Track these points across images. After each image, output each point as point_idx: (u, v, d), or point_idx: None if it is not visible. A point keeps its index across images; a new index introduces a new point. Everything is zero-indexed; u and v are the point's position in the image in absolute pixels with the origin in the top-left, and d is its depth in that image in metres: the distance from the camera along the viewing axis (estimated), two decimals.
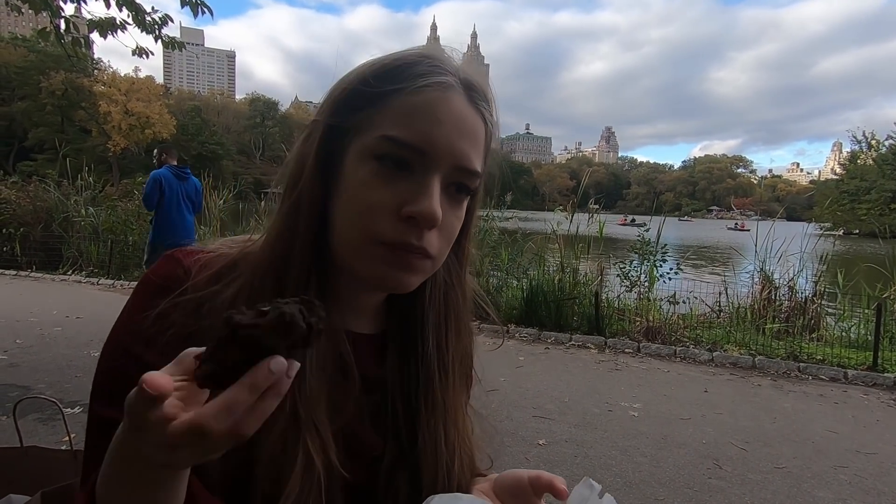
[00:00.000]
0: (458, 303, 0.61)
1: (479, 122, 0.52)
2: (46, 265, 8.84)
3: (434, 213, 0.48)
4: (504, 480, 0.57)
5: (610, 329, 5.73)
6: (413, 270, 0.51)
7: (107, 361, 0.52)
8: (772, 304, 5.90)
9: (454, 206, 0.53)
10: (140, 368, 0.48)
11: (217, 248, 0.56)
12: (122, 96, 50.86)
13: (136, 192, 9.17)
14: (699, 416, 3.74)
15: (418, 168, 0.49)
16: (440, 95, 0.50)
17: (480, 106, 0.52)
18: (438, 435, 0.59)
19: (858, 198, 50.25)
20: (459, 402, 0.63)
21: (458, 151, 0.50)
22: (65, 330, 5.20)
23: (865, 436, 3.50)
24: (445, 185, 0.51)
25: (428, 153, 0.49)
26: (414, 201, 0.48)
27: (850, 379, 4.61)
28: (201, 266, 0.53)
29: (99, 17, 4.01)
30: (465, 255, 0.61)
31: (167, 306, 0.50)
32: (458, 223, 0.54)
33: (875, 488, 2.82)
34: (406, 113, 0.49)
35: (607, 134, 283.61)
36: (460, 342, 0.62)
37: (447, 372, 0.60)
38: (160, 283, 0.52)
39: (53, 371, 4.05)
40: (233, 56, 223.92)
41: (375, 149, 0.49)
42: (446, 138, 0.49)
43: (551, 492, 0.54)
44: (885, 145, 53.17)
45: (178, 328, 0.50)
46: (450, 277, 0.60)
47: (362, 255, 0.50)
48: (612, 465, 2.98)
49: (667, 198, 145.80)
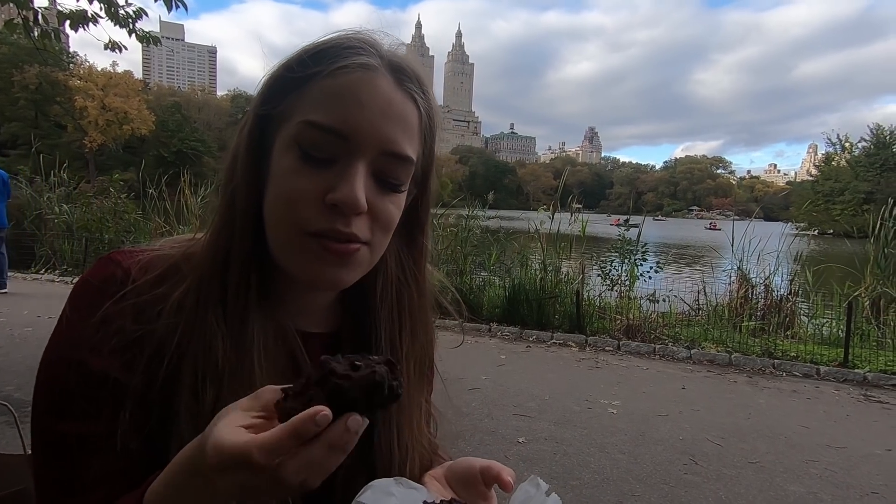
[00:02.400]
0: (413, 300, 0.59)
1: (409, 105, 0.50)
2: (18, 264, 8.58)
3: (355, 199, 0.46)
4: (457, 467, 0.56)
5: (591, 327, 5.78)
6: (346, 264, 0.49)
7: (52, 373, 0.49)
8: (748, 302, 6.03)
9: (387, 193, 0.50)
10: (88, 377, 0.47)
11: (159, 249, 0.54)
12: (99, 91, 49.64)
13: (111, 190, 8.98)
14: (677, 412, 3.80)
15: (342, 154, 0.47)
16: (362, 77, 0.47)
17: (410, 89, 0.50)
18: (392, 435, 0.58)
19: (833, 199, 51.52)
20: (415, 402, 0.61)
21: (383, 136, 0.48)
22: (36, 330, 5.06)
23: (836, 430, 3.59)
24: (374, 171, 0.49)
25: (350, 138, 0.47)
26: (336, 188, 0.46)
27: (822, 375, 4.72)
28: (142, 267, 0.51)
29: (69, 10, 3.90)
30: (420, 251, 0.59)
31: (109, 310, 0.48)
32: (396, 211, 0.52)
33: (844, 482, 2.90)
34: (327, 96, 0.47)
35: (590, 134, 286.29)
36: (416, 340, 0.60)
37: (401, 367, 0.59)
38: (99, 286, 0.50)
39: (23, 372, 3.94)
40: (214, 52, 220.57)
41: (297, 135, 0.47)
42: (369, 122, 0.47)
43: (498, 483, 0.53)
44: (859, 147, 54.65)
45: (124, 333, 0.48)
46: (403, 274, 0.59)
47: (292, 249, 0.48)
48: (590, 462, 3.01)
49: (649, 198, 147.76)
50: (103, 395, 0.47)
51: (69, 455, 0.46)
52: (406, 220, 0.56)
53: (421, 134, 0.52)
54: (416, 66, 0.51)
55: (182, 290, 0.50)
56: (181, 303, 0.49)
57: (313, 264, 0.48)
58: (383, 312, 0.58)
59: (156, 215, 8.68)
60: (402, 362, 0.59)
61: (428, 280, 0.62)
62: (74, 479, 0.46)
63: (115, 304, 0.49)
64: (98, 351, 0.47)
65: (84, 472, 0.46)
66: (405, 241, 0.58)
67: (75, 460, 0.46)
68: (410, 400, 0.60)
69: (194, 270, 0.51)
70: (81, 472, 0.46)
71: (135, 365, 0.48)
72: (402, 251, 0.58)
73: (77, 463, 0.46)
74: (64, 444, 0.46)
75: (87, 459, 0.46)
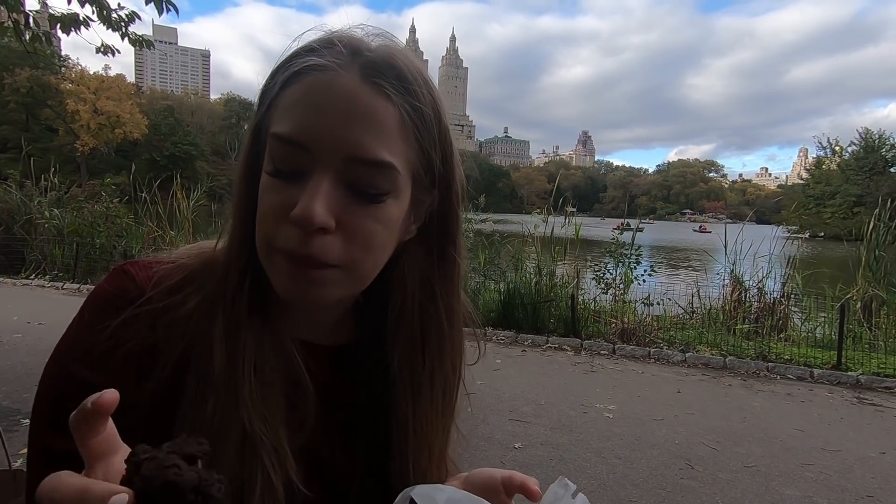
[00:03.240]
0: (440, 318, 0.54)
1: (380, 103, 0.44)
2: (8, 269, 8.49)
3: (307, 215, 0.42)
4: (474, 479, 0.54)
5: (586, 331, 5.79)
6: (317, 284, 0.46)
7: (51, 384, 0.48)
8: (742, 305, 6.05)
9: (365, 205, 0.45)
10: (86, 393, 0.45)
11: (176, 259, 0.53)
12: (92, 95, 49.36)
13: (103, 194, 8.90)
14: (672, 416, 3.80)
15: (307, 166, 0.44)
16: (318, 79, 0.44)
17: (383, 85, 0.45)
18: (407, 459, 0.55)
19: (824, 202, 52.11)
20: (437, 427, 0.57)
21: (346, 141, 0.43)
22: (25, 337, 5.00)
23: (830, 433, 3.61)
24: (346, 182, 0.45)
25: (309, 147, 0.43)
26: (297, 204, 0.43)
27: (815, 378, 4.74)
28: (157, 281, 0.50)
29: (61, 13, 3.87)
30: (452, 266, 0.54)
31: (117, 327, 0.47)
32: (377, 226, 0.46)
33: (839, 485, 2.90)
34: (287, 105, 0.45)
35: (584, 138, 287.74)
36: (441, 362, 0.56)
37: (419, 393, 0.55)
38: (111, 299, 0.49)
39: (12, 380, 3.88)
40: (207, 55, 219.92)
41: (270, 150, 0.46)
42: (328, 127, 0.43)
43: (524, 493, 0.51)
44: (849, 151, 55.29)
45: (131, 345, 0.47)
46: (429, 293, 0.54)
47: (268, 265, 0.46)
48: (586, 467, 3.00)
49: (642, 201, 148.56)
50: None
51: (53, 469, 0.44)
52: (428, 230, 0.53)
53: (407, 133, 0.46)
54: (397, 59, 0.46)
55: (193, 304, 0.49)
56: (190, 316, 0.48)
57: (284, 281, 0.46)
58: (400, 334, 0.54)
59: (148, 219, 8.62)
60: (424, 384, 0.56)
61: (462, 299, 0.57)
62: None
63: (124, 320, 0.47)
64: (100, 365, 0.46)
65: None
66: (431, 254, 0.53)
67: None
68: (430, 426, 0.57)
69: (205, 283, 0.50)
70: None
71: (141, 382, 0.47)
72: (428, 270, 0.53)
73: None
74: (49, 457, 0.45)
75: None
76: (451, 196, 0.51)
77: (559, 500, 0.50)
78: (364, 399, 0.57)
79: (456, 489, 0.49)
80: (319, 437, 0.53)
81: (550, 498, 0.50)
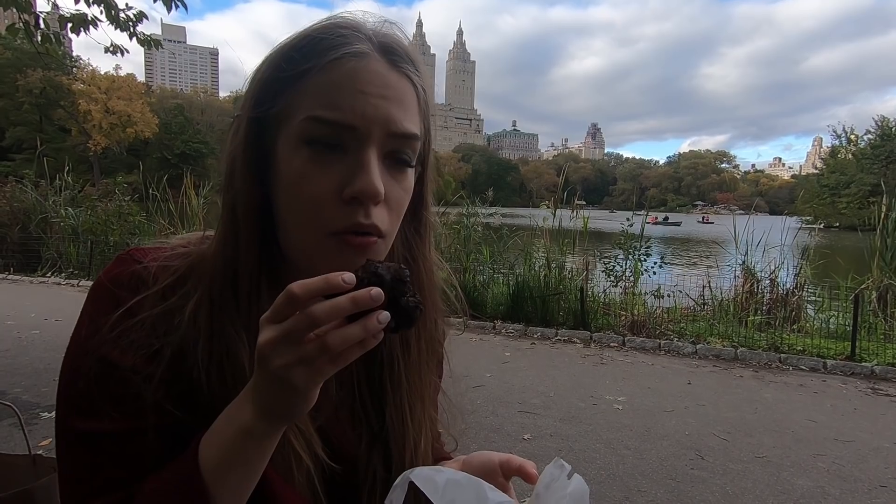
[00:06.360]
0: (420, 277, 0.58)
1: (405, 84, 0.50)
2: (24, 267, 8.66)
3: (375, 189, 0.46)
4: (473, 461, 0.56)
5: (595, 324, 5.77)
6: (364, 255, 0.48)
7: (74, 370, 0.48)
8: (754, 296, 5.99)
9: (398, 176, 0.50)
10: (110, 373, 0.46)
11: (174, 246, 0.54)
12: (103, 94, 49.79)
13: (116, 192, 9.02)
14: (682, 408, 3.79)
15: (351, 145, 0.47)
16: (357, 65, 0.47)
17: (404, 68, 0.50)
18: (405, 410, 0.58)
19: (838, 192, 51.13)
20: (426, 381, 0.61)
21: (388, 118, 0.47)
22: (42, 333, 5.10)
23: (843, 424, 3.57)
24: (383, 155, 0.49)
25: (358, 127, 0.47)
26: (353, 181, 0.46)
27: (829, 369, 4.69)
28: (160, 267, 0.51)
29: (70, 13, 3.91)
30: (425, 225, 0.59)
31: (131, 305, 0.48)
32: (406, 195, 0.52)
33: (852, 475, 2.88)
34: (326, 90, 0.47)
35: (593, 130, 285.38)
36: (426, 318, 0.59)
37: (409, 349, 0.59)
38: (118, 281, 0.50)
39: (30, 375, 3.97)
40: (216, 53, 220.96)
41: (303, 133, 0.47)
42: (373, 107, 0.47)
43: (522, 475, 0.54)
44: (865, 140, 54.19)
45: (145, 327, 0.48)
46: (409, 252, 0.58)
47: (318, 252, 0.48)
48: (596, 458, 3.00)
49: (652, 193, 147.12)
50: (126, 392, 0.46)
51: (92, 454, 0.46)
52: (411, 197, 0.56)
53: (420, 110, 0.52)
54: (405, 43, 0.52)
55: (196, 298, 0.50)
56: (196, 313, 0.49)
57: (337, 261, 0.47)
58: None
59: (160, 217, 8.73)
60: (413, 342, 0.59)
61: (435, 256, 0.61)
62: (97, 478, 0.45)
63: (136, 299, 0.48)
64: (119, 346, 0.47)
65: (107, 472, 0.45)
66: (409, 217, 0.57)
67: (98, 459, 0.46)
68: (422, 378, 0.60)
69: (205, 276, 0.51)
70: (105, 471, 0.45)
71: (157, 359, 0.47)
72: (407, 229, 0.57)
73: (100, 462, 0.46)
74: (87, 442, 0.46)
75: (110, 458, 0.45)
76: (427, 164, 0.57)
77: (555, 480, 0.51)
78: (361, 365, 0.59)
79: (455, 471, 0.50)
80: (332, 415, 0.56)
81: (547, 479, 0.51)
